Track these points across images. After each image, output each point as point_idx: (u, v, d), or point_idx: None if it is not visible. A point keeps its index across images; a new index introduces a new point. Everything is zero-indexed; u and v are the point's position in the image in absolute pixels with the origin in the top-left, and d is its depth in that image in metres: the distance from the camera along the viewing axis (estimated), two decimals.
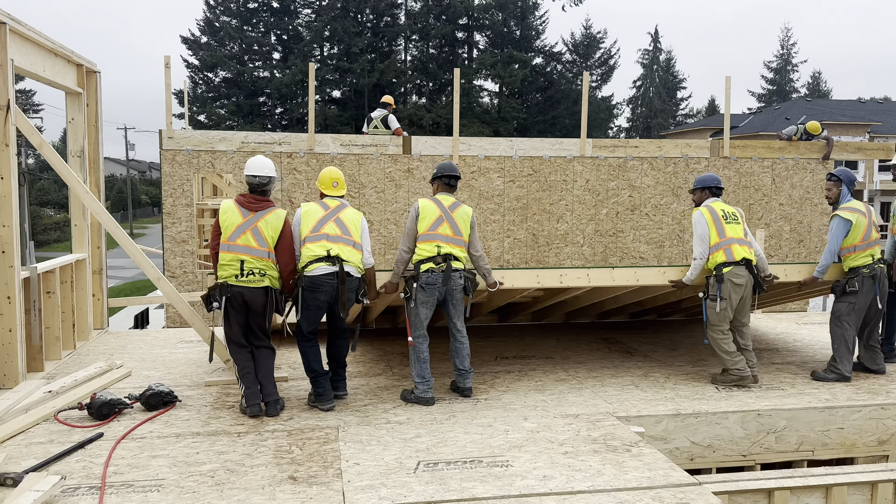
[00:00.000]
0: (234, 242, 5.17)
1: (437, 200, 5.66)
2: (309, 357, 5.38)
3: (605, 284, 6.08)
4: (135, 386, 5.94)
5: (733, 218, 6.14)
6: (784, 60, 66.61)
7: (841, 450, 5.52)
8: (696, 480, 4.07)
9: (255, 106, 54.65)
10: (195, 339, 7.87)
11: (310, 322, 5.34)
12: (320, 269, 5.21)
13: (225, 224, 5.24)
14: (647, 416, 5.26)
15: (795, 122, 38.79)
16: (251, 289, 5.14)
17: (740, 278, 5.92)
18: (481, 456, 4.43)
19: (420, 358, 5.53)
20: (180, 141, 11.58)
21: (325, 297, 5.25)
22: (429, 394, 5.50)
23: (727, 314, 5.97)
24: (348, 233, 5.39)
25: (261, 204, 5.29)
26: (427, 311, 5.51)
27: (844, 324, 6.26)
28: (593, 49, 60.01)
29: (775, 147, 13.33)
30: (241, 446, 4.61)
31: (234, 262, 5.14)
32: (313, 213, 5.42)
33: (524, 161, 12.24)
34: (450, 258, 5.45)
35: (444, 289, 5.47)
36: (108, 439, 4.73)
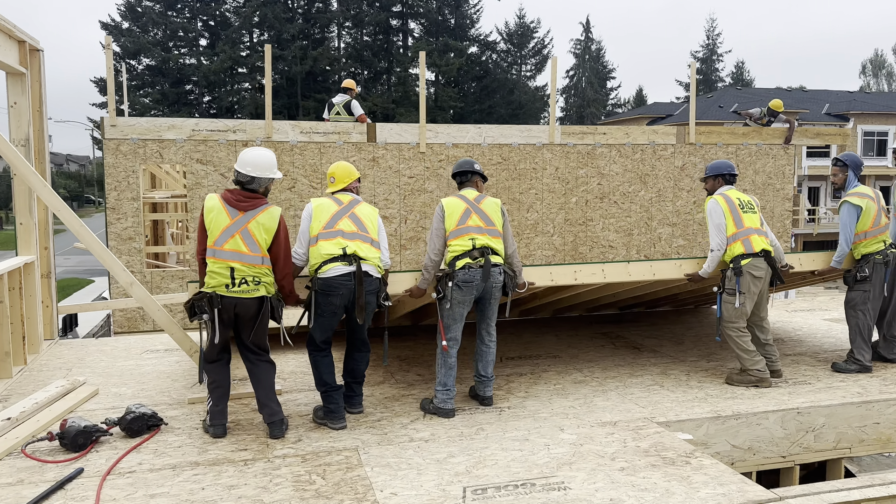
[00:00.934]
0: (221, 248, 4.46)
1: (462, 196, 5.16)
2: (321, 369, 4.78)
3: (621, 280, 5.68)
4: (107, 407, 5.20)
5: (749, 207, 5.79)
6: (710, 50, 68.37)
7: (877, 445, 5.30)
8: (776, 495, 3.71)
9: (181, 94, 52.39)
10: (161, 347, 7.10)
11: (324, 330, 4.76)
12: (335, 270, 4.61)
13: (210, 226, 4.51)
14: (686, 420, 4.89)
15: (727, 109, 39.76)
16: (244, 300, 4.48)
17: (760, 270, 5.58)
18: (531, 477, 3.95)
19: (447, 363, 5.01)
20: (124, 129, 10.62)
21: (341, 301, 4.65)
22: (448, 405, 4.98)
23: (745, 310, 5.62)
24: (365, 229, 4.81)
25: (251, 202, 4.55)
26: (464, 310, 5.01)
27: (860, 313, 6.06)
28: (527, 39, 60.12)
29: (739, 133, 13.31)
30: (252, 478, 3.98)
31: (222, 269, 4.46)
32: (326, 208, 4.81)
33: (493, 149, 11.79)
34: (487, 252, 4.94)
35: (482, 286, 4.94)
36: (91, 475, 4.02)
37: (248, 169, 4.56)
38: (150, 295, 5.40)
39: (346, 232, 4.72)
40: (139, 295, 5.23)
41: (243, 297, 4.47)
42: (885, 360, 6.27)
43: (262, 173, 4.57)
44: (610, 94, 70.87)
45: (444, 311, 5.00)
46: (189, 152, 10.88)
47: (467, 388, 5.51)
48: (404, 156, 11.45)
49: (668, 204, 12.78)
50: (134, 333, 10.77)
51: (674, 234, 12.93)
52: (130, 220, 10.76)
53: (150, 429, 4.67)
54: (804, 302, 9.42)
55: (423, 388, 5.63)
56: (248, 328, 4.58)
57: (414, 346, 6.93)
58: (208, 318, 4.47)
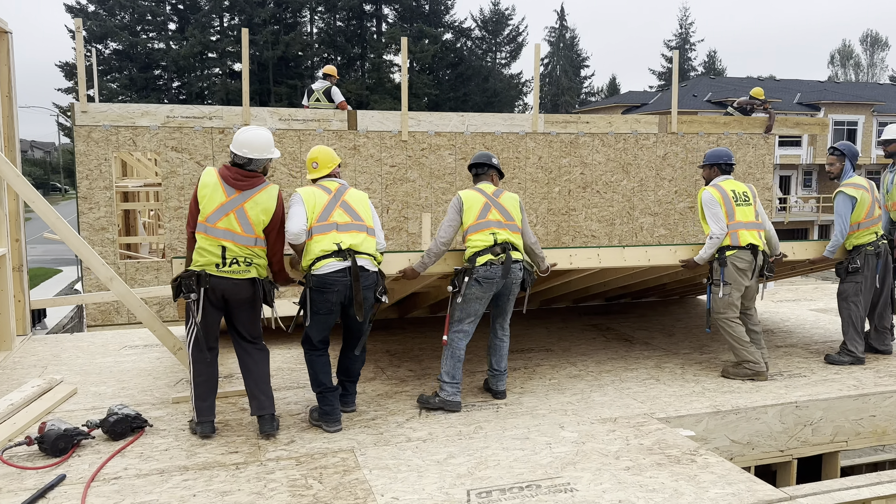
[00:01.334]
0: (214, 225, 4.26)
1: (480, 190, 5.05)
2: (316, 368, 4.57)
3: (616, 265, 5.58)
4: (87, 408, 4.98)
5: (744, 199, 5.69)
6: (683, 39, 68.76)
7: (873, 438, 5.28)
8: (787, 494, 3.64)
9: (150, 79, 51.34)
10: (140, 343, 6.87)
11: (320, 329, 4.54)
12: (330, 266, 4.40)
13: (205, 201, 4.30)
14: (686, 415, 4.82)
15: (701, 98, 40.04)
16: (235, 281, 4.30)
17: (743, 262, 5.53)
18: (536, 478, 3.83)
19: (455, 356, 4.88)
20: (96, 116, 10.27)
21: (336, 297, 4.44)
22: (457, 398, 4.86)
23: (732, 300, 5.57)
24: (359, 217, 4.59)
25: (249, 181, 4.36)
26: (480, 307, 4.89)
27: (852, 304, 6.04)
28: (502, 26, 59.88)
29: (720, 122, 13.31)
30: (245, 483, 3.81)
31: (213, 248, 4.27)
32: (317, 198, 4.55)
33: (476, 137, 11.63)
34: (508, 247, 4.83)
35: (502, 282, 4.84)
36: (74, 482, 3.82)
37: (244, 151, 4.36)
38: (131, 290, 5.17)
39: (340, 224, 4.51)
40: (119, 290, 5.00)
41: (234, 278, 4.30)
42: (876, 351, 6.27)
43: (260, 154, 4.38)
44: (584, 82, 71.02)
45: (456, 306, 4.86)
46: (164, 140, 10.56)
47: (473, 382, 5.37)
48: (386, 144, 11.25)
49: (650, 193, 12.75)
50: (108, 327, 10.46)
51: (655, 224, 12.92)
52: (103, 210, 10.43)
53: (135, 431, 4.47)
54: (789, 292, 9.44)
55: (416, 384, 5.49)
56: (240, 312, 4.41)
57: (402, 340, 6.78)
58: (196, 297, 4.25)
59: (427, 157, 11.43)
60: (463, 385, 5.45)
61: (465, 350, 4.94)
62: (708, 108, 37.99)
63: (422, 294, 7.08)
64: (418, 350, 6.44)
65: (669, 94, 43.48)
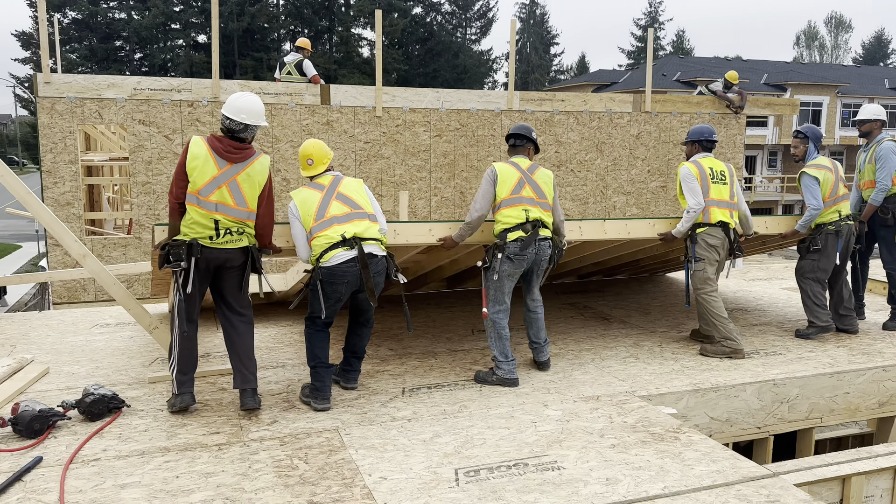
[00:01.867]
0: (206, 198, 4.17)
1: (514, 164, 5.08)
2: (315, 343, 4.55)
3: (597, 237, 5.58)
4: (60, 388, 4.85)
5: (720, 178, 5.76)
6: (652, 18, 68.95)
7: (846, 414, 5.40)
8: (770, 471, 3.69)
9: (110, 51, 49.95)
10: (111, 321, 6.72)
11: (329, 313, 4.50)
12: (339, 258, 4.36)
13: (195, 173, 4.17)
14: (667, 393, 4.86)
15: (671, 77, 40.28)
16: (228, 250, 4.26)
17: (715, 239, 5.63)
18: (523, 457, 3.83)
19: (501, 335, 4.99)
20: (60, 87, 9.94)
21: (347, 288, 4.44)
22: (514, 374, 4.96)
23: (707, 275, 5.65)
24: (357, 205, 4.53)
25: (241, 153, 4.26)
26: (511, 283, 4.99)
27: (809, 281, 6.21)
28: (472, 1, 59.32)
29: (693, 102, 13.37)
30: (229, 463, 3.75)
31: (206, 220, 4.18)
32: (310, 201, 4.51)
33: (451, 114, 11.53)
34: (538, 225, 4.93)
35: (532, 258, 4.95)
36: (51, 465, 3.72)
37: (242, 117, 4.23)
38: (104, 267, 5.02)
39: (338, 216, 4.45)
40: (93, 267, 4.86)
41: (227, 248, 4.25)
42: (838, 329, 6.39)
43: (257, 121, 4.31)
44: (554, 59, 70.93)
45: (490, 283, 4.98)
46: (131, 112, 10.27)
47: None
48: (360, 120, 11.09)
49: (624, 172, 12.80)
50: (74, 305, 10.22)
51: (628, 203, 12.99)
52: (68, 185, 10.13)
53: (112, 411, 4.36)
54: (760, 271, 9.59)
55: (398, 363, 5.45)
56: (230, 280, 4.35)
57: (381, 319, 6.72)
58: (184, 267, 4.16)
59: (402, 133, 11.30)
60: (444, 364, 5.44)
61: (507, 328, 5.04)
62: (677, 87, 38.26)
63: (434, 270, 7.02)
64: (398, 329, 6.40)
65: (640, 73, 43.76)
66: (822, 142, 6.49)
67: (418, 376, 5.14)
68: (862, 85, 43.09)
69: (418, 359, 5.55)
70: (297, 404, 4.58)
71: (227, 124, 4.26)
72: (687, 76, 39.85)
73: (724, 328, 5.62)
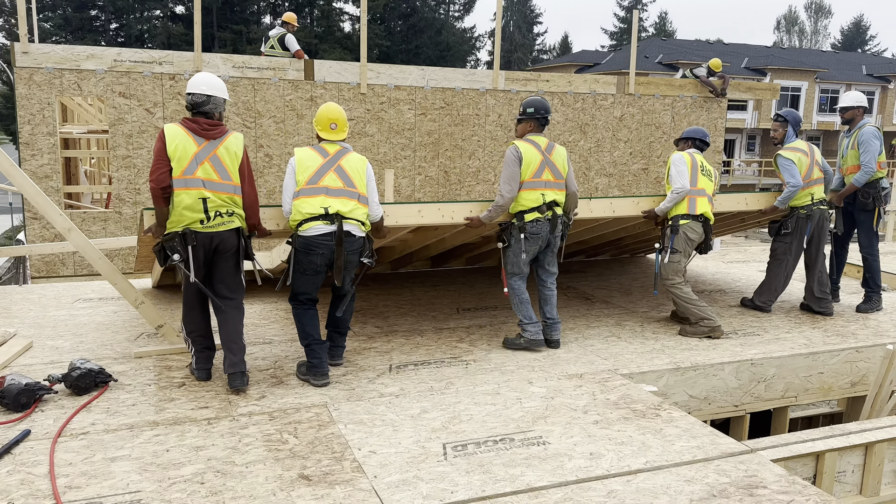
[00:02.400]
0: (192, 175, 4.22)
1: (534, 143, 5.17)
2: (304, 321, 4.62)
3: (583, 216, 5.64)
4: (45, 362, 4.84)
5: (707, 173, 5.90)
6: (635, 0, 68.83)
7: (819, 394, 5.55)
8: (748, 447, 3.81)
9: (85, 20, 48.86)
10: (94, 296, 6.68)
11: (307, 288, 4.59)
12: (316, 229, 4.42)
13: (177, 154, 4.22)
14: (648, 371, 4.97)
15: (653, 60, 40.35)
16: (221, 233, 4.33)
17: (695, 233, 5.78)
18: (509, 432, 3.91)
19: (522, 299, 5.29)
20: (38, 57, 9.77)
21: (322, 259, 4.48)
22: (539, 336, 5.26)
23: (680, 267, 5.81)
24: (352, 184, 4.54)
25: (216, 129, 4.36)
26: (529, 259, 5.26)
27: (779, 262, 6.44)
28: None
29: (676, 85, 13.45)
30: (219, 438, 3.78)
31: (194, 202, 4.22)
32: (309, 161, 4.52)
33: (436, 93, 11.50)
34: (553, 205, 5.18)
35: (548, 237, 5.23)
36: (39, 438, 3.73)
37: (202, 88, 4.34)
38: (90, 241, 4.99)
39: (331, 188, 4.47)
40: (78, 241, 4.82)
41: (220, 231, 4.31)
42: (813, 311, 6.54)
43: (218, 92, 4.38)
44: (536, 39, 70.66)
45: (508, 260, 5.26)
46: (110, 84, 10.13)
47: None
48: (344, 96, 11.02)
49: (606, 154, 12.89)
50: (53, 279, 10.13)
51: (610, 185, 13.08)
52: (46, 157, 10.00)
53: (99, 386, 4.37)
54: (738, 254, 9.73)
55: (384, 340, 5.50)
56: (224, 265, 4.42)
57: (367, 297, 6.76)
58: (181, 259, 4.25)
59: (386, 111, 11.25)
60: (430, 342, 5.50)
61: (526, 291, 5.34)
62: (659, 69, 38.36)
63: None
64: (383, 307, 6.44)
65: (622, 55, 43.75)
66: (801, 126, 6.58)
67: (405, 353, 5.20)
68: (840, 71, 43.53)
69: (404, 336, 5.61)
70: (284, 380, 4.62)
71: (189, 100, 4.37)
72: (669, 58, 39.96)
73: (700, 310, 5.75)
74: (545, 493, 3.30)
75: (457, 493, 3.28)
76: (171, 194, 4.23)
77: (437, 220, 5.17)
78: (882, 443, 4.05)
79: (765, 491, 3.32)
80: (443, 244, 6.72)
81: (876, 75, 43.91)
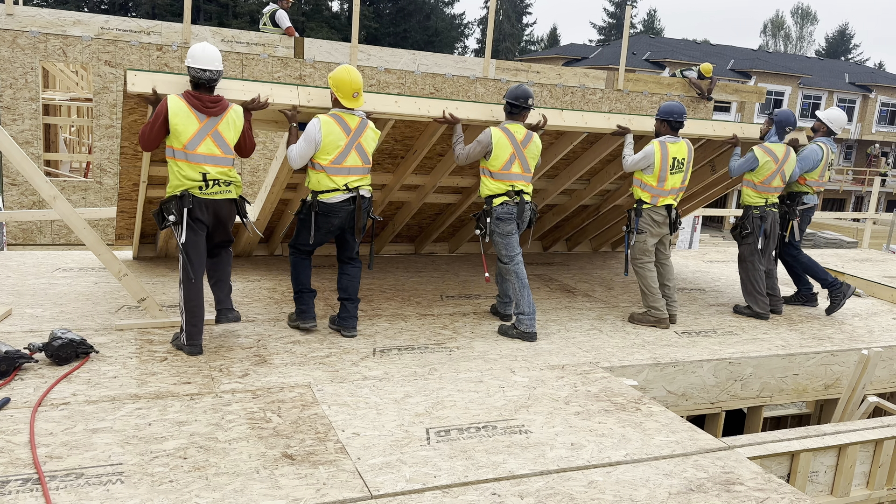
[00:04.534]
0: (194, 151, 4.38)
1: (509, 133, 5.30)
2: (300, 270, 5.08)
3: (555, 124, 5.72)
4: (24, 330, 4.78)
5: (679, 167, 5.94)
6: None
7: (794, 395, 5.66)
8: (725, 444, 3.88)
9: None
10: (74, 266, 6.60)
11: (317, 243, 5.01)
12: (337, 198, 4.89)
13: (178, 129, 4.35)
14: (629, 365, 5.03)
15: (640, 57, 40.49)
16: (218, 201, 4.54)
17: (659, 216, 5.99)
18: (491, 420, 3.95)
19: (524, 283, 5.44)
20: (23, 20, 9.57)
21: (339, 221, 4.97)
22: (534, 328, 5.40)
23: (647, 247, 6.00)
24: (367, 160, 4.97)
25: (217, 106, 4.46)
26: (514, 237, 5.48)
27: (749, 265, 6.55)
28: None
29: (664, 83, 13.53)
30: (201, 414, 3.77)
31: (194, 173, 4.42)
32: (334, 139, 4.77)
33: (426, 78, 11.45)
34: (522, 193, 5.43)
35: (517, 220, 5.46)
36: (19, 406, 3.69)
37: (215, 65, 4.41)
38: (75, 210, 4.92)
39: (352, 168, 4.88)
40: (63, 210, 4.75)
41: (217, 199, 4.51)
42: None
43: (220, 66, 4.47)
44: (525, 29, 70.48)
45: (497, 244, 5.50)
46: (96, 52, 9.95)
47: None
48: None
49: None
50: (29, 247, 9.98)
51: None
52: (28, 123, 9.82)
53: (80, 357, 4.33)
54: (718, 254, 9.85)
55: (368, 323, 5.50)
56: (222, 229, 4.68)
57: None
58: (175, 221, 4.41)
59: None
60: (414, 327, 5.51)
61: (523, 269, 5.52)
62: (646, 66, 38.50)
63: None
64: (367, 290, 6.43)
65: (610, 50, 43.86)
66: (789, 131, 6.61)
67: (388, 338, 5.20)
68: (823, 78, 44.00)
69: (388, 321, 5.61)
70: (268, 359, 4.61)
71: (196, 74, 4.40)
72: (656, 56, 40.11)
73: (653, 299, 5.97)
74: (527, 481, 3.34)
75: (439, 477, 3.30)
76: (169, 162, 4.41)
77: (412, 112, 5.27)
78: (855, 445, 4.15)
79: (741, 487, 3.39)
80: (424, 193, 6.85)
81: (858, 84, 44.47)
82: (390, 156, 6.41)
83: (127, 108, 4.92)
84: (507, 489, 3.25)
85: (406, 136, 6.13)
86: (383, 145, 6.18)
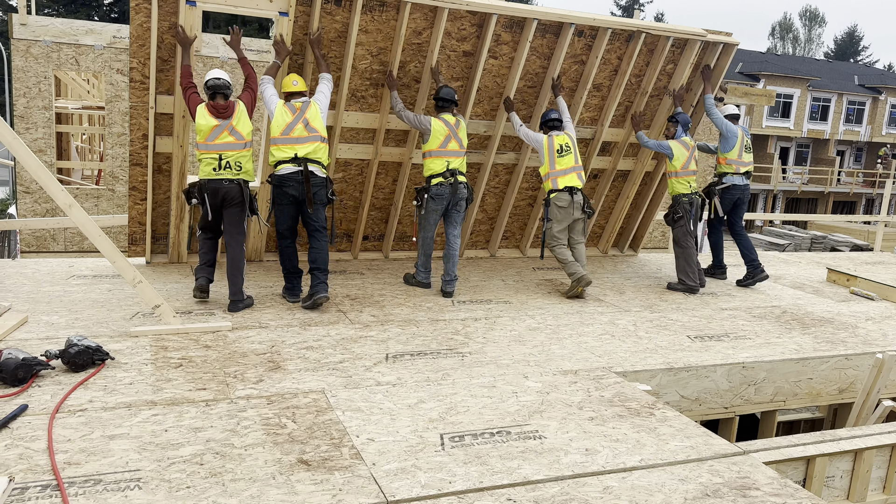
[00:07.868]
0: (213, 142, 5.58)
1: (444, 120, 6.43)
2: (285, 254, 5.94)
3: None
4: (41, 337, 4.82)
5: (567, 150, 6.83)
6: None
7: (808, 399, 5.64)
8: (740, 449, 3.87)
9: None
10: (89, 273, 6.65)
11: (284, 219, 5.79)
12: (287, 169, 5.68)
13: (200, 127, 5.58)
14: (642, 370, 5.02)
15: None
16: (225, 181, 5.57)
17: (563, 201, 6.80)
18: (505, 425, 3.95)
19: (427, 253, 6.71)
20: (36, 30, 9.67)
21: (293, 191, 5.67)
22: (428, 280, 6.81)
23: (554, 232, 6.83)
24: (314, 129, 5.74)
25: (228, 111, 5.62)
26: (437, 217, 6.53)
27: (682, 245, 7.40)
28: None
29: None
30: (217, 419, 3.79)
31: (212, 158, 5.59)
32: (283, 116, 5.71)
33: None
34: (456, 172, 6.41)
35: (450, 198, 6.43)
36: (37, 413, 3.72)
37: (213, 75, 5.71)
38: (90, 218, 4.96)
39: (298, 138, 5.70)
40: (79, 218, 4.80)
41: (225, 178, 5.57)
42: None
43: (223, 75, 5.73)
44: None
45: (421, 217, 6.54)
46: (109, 61, 10.06)
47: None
48: None
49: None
50: (43, 254, 10.06)
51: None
52: (41, 131, 9.92)
53: (96, 363, 4.36)
54: (730, 258, 9.80)
55: (380, 329, 5.52)
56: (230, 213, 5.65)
57: (362, 286, 6.78)
58: (197, 202, 5.68)
59: None
60: (426, 333, 5.53)
61: (432, 247, 6.73)
62: None
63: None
64: (378, 296, 6.46)
65: None
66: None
67: (401, 343, 5.22)
68: (832, 80, 43.83)
69: (400, 326, 5.63)
70: (282, 364, 4.64)
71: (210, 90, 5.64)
72: None
73: (570, 266, 6.75)
74: (542, 487, 3.34)
75: (455, 483, 3.31)
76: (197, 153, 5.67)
77: None
78: (871, 450, 4.13)
79: (757, 493, 3.38)
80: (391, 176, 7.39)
81: (868, 86, 44.27)
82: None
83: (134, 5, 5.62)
84: (523, 495, 3.25)
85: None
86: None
